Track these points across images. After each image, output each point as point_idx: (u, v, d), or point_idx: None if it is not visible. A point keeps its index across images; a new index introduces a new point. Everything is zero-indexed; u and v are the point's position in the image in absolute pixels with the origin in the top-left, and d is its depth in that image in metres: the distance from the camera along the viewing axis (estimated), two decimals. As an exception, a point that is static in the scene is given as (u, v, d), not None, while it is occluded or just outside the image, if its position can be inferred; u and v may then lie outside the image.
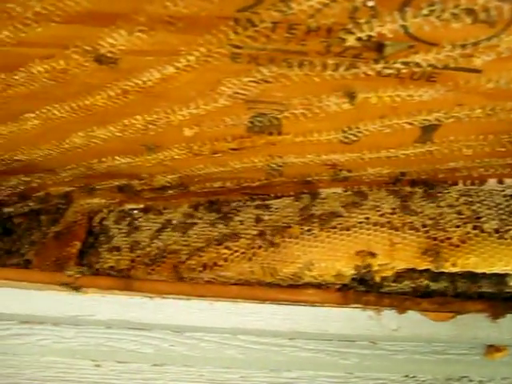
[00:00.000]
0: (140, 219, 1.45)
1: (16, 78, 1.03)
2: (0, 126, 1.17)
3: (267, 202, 1.38)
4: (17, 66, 1.01)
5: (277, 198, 1.39)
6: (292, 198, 1.37)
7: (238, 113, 1.09)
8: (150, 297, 1.25)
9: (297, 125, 1.11)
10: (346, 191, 1.35)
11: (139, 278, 1.27)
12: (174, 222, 1.41)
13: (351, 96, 1.00)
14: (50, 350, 1.29)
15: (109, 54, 0.96)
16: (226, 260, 1.29)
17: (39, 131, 1.17)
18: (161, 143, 1.19)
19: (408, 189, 1.30)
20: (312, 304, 1.26)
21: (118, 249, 1.39)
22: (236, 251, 1.29)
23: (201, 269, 1.29)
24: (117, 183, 1.37)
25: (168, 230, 1.39)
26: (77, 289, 1.23)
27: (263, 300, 1.24)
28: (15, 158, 1.28)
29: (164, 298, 1.26)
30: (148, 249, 1.36)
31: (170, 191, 1.37)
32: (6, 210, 1.54)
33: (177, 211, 1.43)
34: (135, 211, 1.46)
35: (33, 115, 1.13)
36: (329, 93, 1.02)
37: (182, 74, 1.00)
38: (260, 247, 1.28)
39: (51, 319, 1.27)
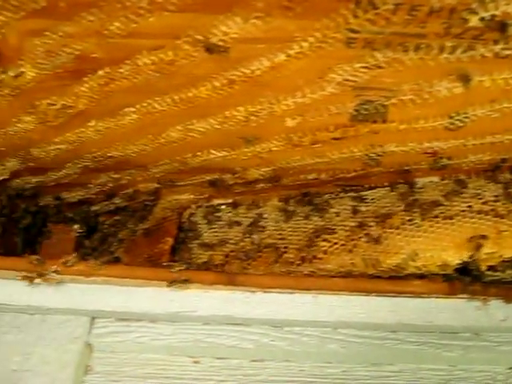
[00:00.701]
0: (229, 214, 1.43)
1: (121, 71, 1.02)
2: (97, 122, 1.15)
3: (361, 194, 1.36)
4: (123, 58, 1.00)
5: (371, 188, 1.36)
6: (387, 188, 1.34)
7: (343, 101, 1.07)
8: (253, 291, 1.23)
9: (403, 112, 1.09)
10: (443, 180, 1.30)
11: (242, 273, 1.24)
12: (266, 215, 1.39)
13: (466, 79, 0.98)
14: (149, 347, 1.26)
15: (220, 43, 0.94)
16: (325, 253, 1.26)
17: (136, 126, 1.15)
18: (260, 135, 1.17)
19: (508, 175, 1.25)
20: (418, 295, 1.22)
21: (209, 244, 1.37)
22: (335, 243, 1.27)
23: (299, 262, 1.27)
24: (208, 178, 1.35)
25: (260, 224, 1.37)
26: (182, 284, 1.19)
27: (369, 292, 1.22)
28: (108, 154, 1.27)
29: (266, 292, 1.24)
30: (241, 244, 1.34)
31: (262, 185, 1.35)
32: (92, 208, 1.52)
33: (267, 205, 1.41)
34: (223, 206, 1.44)
35: (133, 109, 1.11)
36: (441, 77, 1.00)
37: (292, 62, 0.98)
38: (360, 238, 1.25)
39: (151, 316, 1.25)
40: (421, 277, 1.24)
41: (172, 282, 1.20)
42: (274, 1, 0.86)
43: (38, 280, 1.21)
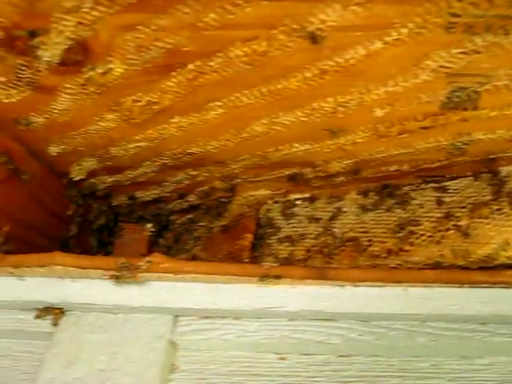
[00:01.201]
0: (307, 209, 1.41)
1: (211, 64, 1.01)
2: (181, 118, 1.14)
3: (443, 184, 1.32)
4: (215, 51, 1.00)
5: (452, 179, 1.32)
6: (470, 178, 1.30)
7: (436, 88, 1.05)
8: (342, 285, 1.21)
9: (496, 98, 1.07)
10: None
11: (332, 267, 1.22)
12: (345, 209, 1.37)
13: None
14: (234, 345, 1.24)
15: (317, 32, 0.92)
16: (412, 244, 1.24)
17: (221, 121, 1.14)
18: (346, 126, 1.15)
19: None
20: (511, 285, 1.19)
21: (289, 240, 1.34)
22: (422, 235, 1.24)
23: (385, 255, 1.24)
24: (288, 172, 1.34)
25: (341, 217, 1.35)
26: (274, 280, 1.17)
27: (462, 283, 1.19)
28: (188, 151, 1.27)
29: (356, 286, 1.21)
30: (322, 238, 1.32)
31: (341, 178, 1.33)
32: (165, 206, 1.51)
33: (345, 198, 1.39)
34: (300, 201, 1.41)
35: (219, 104, 1.10)
36: (540, 60, 0.94)
37: (388, 49, 0.96)
38: (448, 230, 1.23)
39: (236, 313, 1.23)
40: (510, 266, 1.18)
41: (263, 278, 1.17)
42: (377, -14, 0.81)
43: (127, 279, 1.17)
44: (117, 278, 1.18)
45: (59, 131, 1.22)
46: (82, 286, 1.25)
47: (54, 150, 1.30)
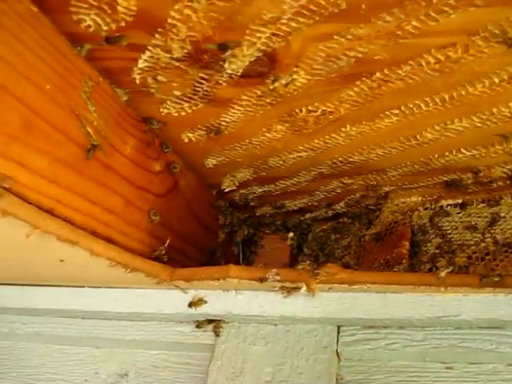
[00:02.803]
0: (459, 215, 1.38)
1: (399, 72, 1.00)
2: (352, 127, 1.14)
3: None
4: (407, 58, 1.00)
5: None
6: None
7: None
8: (515, 293, 1.17)
9: None
10: None
11: (509, 275, 1.19)
12: (503, 214, 1.33)
13: None
14: (399, 354, 1.22)
15: (516, 38, 0.87)
16: None
17: (392, 129, 1.14)
18: (523, 130, 1.10)
19: None
20: None
21: (447, 246, 1.32)
22: None
23: (555, 260, 1.20)
24: (446, 178, 1.32)
25: (500, 223, 1.31)
26: (449, 288, 1.16)
27: None
28: (350, 159, 1.26)
29: (535, 293, 1.18)
30: (483, 244, 1.28)
31: (499, 183, 1.29)
32: (309, 215, 1.50)
33: (501, 203, 1.36)
34: (451, 207, 1.39)
35: (396, 111, 1.09)
36: None
37: None
38: None
39: (406, 322, 1.21)
40: None
41: (438, 287, 1.15)
42: None
43: (302, 290, 1.17)
44: (288, 291, 1.16)
45: (222, 143, 1.22)
46: (246, 298, 1.24)
47: (211, 161, 1.31)
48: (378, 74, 1.00)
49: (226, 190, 1.38)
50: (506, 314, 1.15)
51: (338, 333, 1.28)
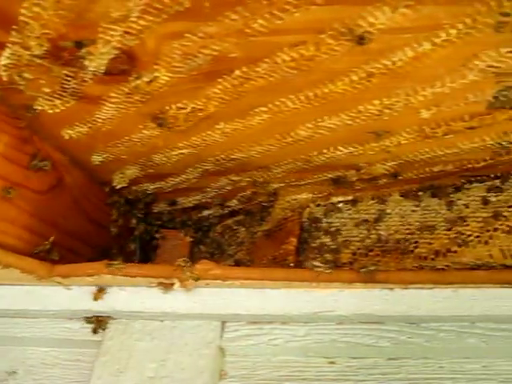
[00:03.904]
0: (350, 211, 1.40)
1: (257, 69, 1.01)
2: (226, 124, 1.14)
3: (488, 183, 1.30)
4: (262, 56, 1.00)
5: (496, 178, 1.30)
6: (515, 177, 1.27)
7: (483, 88, 1.05)
8: (391, 288, 1.21)
9: (544, 96, 1.01)
10: None
11: (382, 270, 1.21)
12: (389, 211, 1.36)
13: None
14: (283, 349, 1.24)
15: (365, 35, 0.91)
16: (459, 245, 1.22)
17: (265, 126, 1.14)
18: (392, 128, 1.15)
19: None
20: None
21: (334, 243, 1.35)
22: (469, 235, 1.22)
23: (433, 256, 1.24)
24: (331, 175, 1.34)
25: (385, 219, 1.33)
26: (323, 283, 1.17)
27: (514, 283, 1.17)
28: (232, 156, 1.27)
29: (405, 288, 1.20)
30: (368, 241, 1.30)
31: (384, 180, 1.32)
32: (206, 212, 1.50)
33: (389, 200, 1.38)
34: (342, 203, 1.40)
35: (264, 109, 1.10)
36: None
37: (436, 51, 0.96)
38: (496, 229, 1.21)
39: (284, 318, 1.22)
40: None
41: (312, 282, 1.16)
42: (430, -14, 0.81)
43: (176, 286, 1.18)
44: (165, 286, 1.16)
45: (103, 140, 1.23)
46: (128, 294, 1.25)
47: (97, 158, 1.31)
48: (237, 72, 1.01)
49: (118, 187, 1.37)
50: (380, 309, 1.17)
51: (223, 328, 1.26)
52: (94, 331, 1.28)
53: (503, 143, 1.18)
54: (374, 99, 1.06)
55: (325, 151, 1.22)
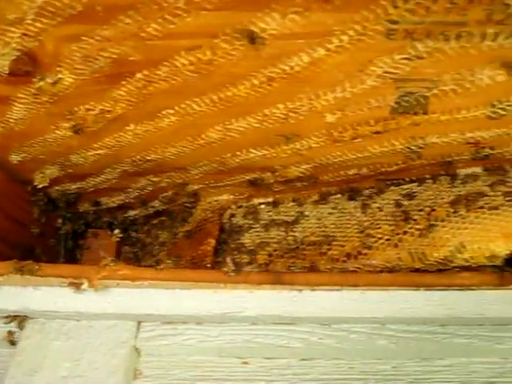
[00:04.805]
0: (270, 213, 1.42)
1: (159, 73, 1.02)
2: (136, 126, 1.15)
3: (403, 187, 1.33)
4: (161, 60, 1.00)
5: (412, 181, 1.33)
6: (429, 180, 1.31)
7: (384, 93, 1.06)
8: (300, 290, 1.22)
9: (444, 102, 1.08)
10: (485, 170, 1.27)
11: (289, 271, 1.23)
12: (307, 213, 1.38)
13: (508, 66, 0.95)
14: (197, 350, 1.25)
15: (258, 40, 0.93)
16: (370, 248, 1.25)
17: (175, 128, 1.15)
18: (300, 132, 1.16)
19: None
20: (467, 288, 1.20)
21: (252, 244, 1.37)
22: (380, 238, 1.24)
23: (344, 258, 1.25)
24: (248, 177, 1.35)
25: (303, 221, 1.35)
26: (232, 285, 1.19)
27: (418, 286, 1.20)
28: (147, 158, 1.28)
29: (314, 290, 1.22)
30: (284, 242, 1.32)
31: (302, 182, 1.34)
32: (132, 212, 1.51)
33: (307, 202, 1.40)
34: (264, 205, 1.42)
35: (171, 111, 1.11)
36: (483, 65, 0.99)
37: (332, 56, 0.97)
38: (405, 233, 1.24)
39: (197, 318, 1.24)
40: (469, 269, 1.19)
41: (220, 283, 1.18)
42: (313, -6, 0.82)
43: (84, 286, 1.18)
44: (76, 286, 1.17)
45: (17, 140, 1.24)
46: (43, 294, 1.25)
47: (15, 158, 1.31)
48: (139, 75, 1.02)
49: (39, 187, 1.37)
50: (288, 311, 1.17)
51: (139, 328, 1.27)
52: (10, 332, 1.26)
53: (412, 148, 1.20)
54: (278, 103, 1.08)
55: (238, 153, 1.23)
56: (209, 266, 1.29)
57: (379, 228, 1.27)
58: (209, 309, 1.21)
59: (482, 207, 1.21)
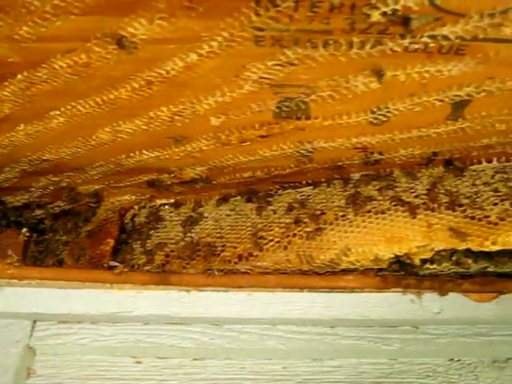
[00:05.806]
0: (171, 214, 1.44)
1: (39, 74, 1.03)
2: (26, 126, 1.16)
3: (299, 190, 1.35)
4: (39, 62, 1.01)
5: (308, 185, 1.35)
6: (324, 184, 1.34)
7: (264, 98, 1.07)
8: (187, 290, 1.25)
9: (325, 108, 1.10)
10: (376, 174, 1.30)
11: (175, 272, 1.25)
12: (206, 214, 1.40)
13: (379, 74, 0.99)
14: (90, 349, 1.26)
15: (130, 45, 0.94)
16: (261, 250, 1.27)
17: (65, 129, 1.16)
18: (188, 134, 1.18)
19: (441, 169, 1.27)
20: (351, 290, 1.24)
21: (151, 245, 1.38)
22: (271, 240, 1.27)
23: (236, 260, 1.27)
24: (146, 178, 1.36)
25: (201, 223, 1.37)
26: (121, 285, 1.21)
27: (302, 288, 1.23)
28: (43, 157, 1.28)
29: (201, 290, 1.25)
30: (182, 243, 1.35)
31: (200, 184, 1.35)
32: (38, 211, 1.52)
33: (208, 204, 1.43)
34: (166, 206, 1.44)
35: (58, 112, 1.12)
36: (356, 72, 1.01)
37: (205, 61, 0.99)
38: (295, 235, 1.26)
39: (90, 318, 1.25)
40: (355, 272, 1.22)
41: (109, 283, 1.19)
42: (176, 1, 0.86)
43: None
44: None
45: None
46: None
47: None
48: (19, 76, 1.02)
49: None
50: (177, 311, 1.19)
51: (33, 328, 1.27)
52: None
53: (302, 152, 1.23)
54: (162, 106, 1.10)
55: (132, 154, 1.24)
56: (105, 265, 1.28)
57: (271, 230, 1.29)
58: (99, 308, 1.22)
59: (369, 211, 1.23)
